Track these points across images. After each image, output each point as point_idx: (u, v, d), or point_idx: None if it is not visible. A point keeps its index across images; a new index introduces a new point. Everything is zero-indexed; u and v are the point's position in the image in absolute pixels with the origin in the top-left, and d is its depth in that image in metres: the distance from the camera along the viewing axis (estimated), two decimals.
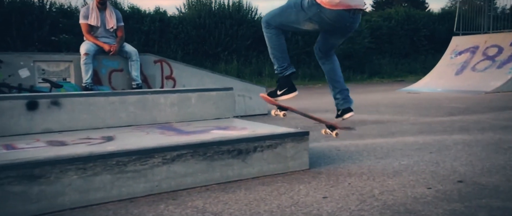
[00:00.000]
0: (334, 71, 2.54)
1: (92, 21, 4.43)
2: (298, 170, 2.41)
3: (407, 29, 17.14)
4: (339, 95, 2.49)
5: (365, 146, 3.06)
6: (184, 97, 3.12)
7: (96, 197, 1.94)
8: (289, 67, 2.38)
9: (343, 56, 15.01)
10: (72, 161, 1.89)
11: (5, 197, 1.74)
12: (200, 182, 2.18)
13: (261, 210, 1.77)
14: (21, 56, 4.06)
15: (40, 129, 2.62)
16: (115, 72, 4.54)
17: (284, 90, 2.36)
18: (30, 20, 10.55)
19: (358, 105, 6.25)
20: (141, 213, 1.80)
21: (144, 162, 2.04)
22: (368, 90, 9.61)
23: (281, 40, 2.35)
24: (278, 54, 2.35)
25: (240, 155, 2.28)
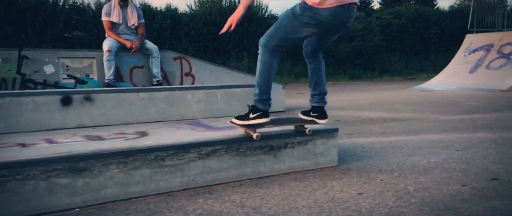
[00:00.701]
0: (320, 73, 2.48)
1: (114, 18, 4.49)
2: (327, 167, 2.44)
3: (417, 27, 16.97)
4: (317, 96, 2.45)
5: (389, 143, 3.08)
6: (210, 94, 3.17)
7: (136, 190, 1.99)
8: (266, 102, 2.27)
9: (354, 53, 14.97)
10: (114, 155, 1.94)
11: (52, 189, 1.81)
12: (233, 177, 2.23)
13: (299, 205, 1.81)
14: (46, 52, 4.15)
15: (74, 124, 2.69)
16: (136, 68, 4.60)
17: (257, 114, 2.25)
18: (44, 17, 10.68)
19: (373, 102, 6.33)
20: (181, 207, 1.85)
21: (180, 157, 2.09)
22: (380, 88, 9.58)
23: (272, 69, 2.28)
24: (262, 83, 2.26)
25: (271, 151, 2.32)
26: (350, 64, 14.68)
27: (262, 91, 2.28)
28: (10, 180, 1.72)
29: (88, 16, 11.74)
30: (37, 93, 2.62)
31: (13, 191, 1.73)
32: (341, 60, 14.63)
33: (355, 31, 15.13)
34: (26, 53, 3.94)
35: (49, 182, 1.80)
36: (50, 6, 11.19)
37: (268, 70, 2.26)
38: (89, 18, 11.72)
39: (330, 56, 14.85)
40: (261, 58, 2.26)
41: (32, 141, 2.21)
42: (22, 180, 1.75)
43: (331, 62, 14.88)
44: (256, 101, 2.28)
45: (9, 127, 2.49)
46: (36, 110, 2.56)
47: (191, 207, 1.85)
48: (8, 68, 3.93)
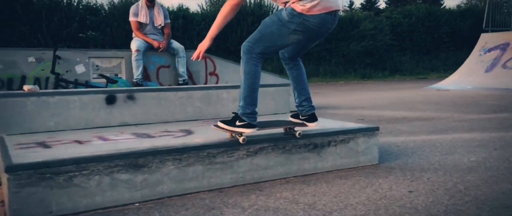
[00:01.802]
0: (302, 78, 2.38)
1: (142, 19, 4.57)
2: (368, 165, 2.48)
3: (428, 26, 16.90)
4: (305, 103, 2.33)
5: (422, 142, 3.11)
6: None
7: (189, 186, 2.05)
8: (252, 117, 2.13)
9: (364, 53, 14.97)
10: (170, 152, 2.00)
11: (115, 184, 1.87)
12: (279, 175, 2.28)
13: (353, 203, 1.85)
14: (77, 52, 4.23)
15: (117, 122, 2.75)
16: (163, 68, 4.67)
17: (243, 123, 2.13)
18: (60, 17, 10.82)
19: (392, 101, 6.35)
20: (236, 203, 1.91)
21: (230, 154, 2.15)
22: (394, 88, 9.58)
23: (257, 79, 2.16)
24: (248, 95, 2.13)
25: (315, 149, 2.37)
26: (360, 63, 14.67)
27: (248, 104, 2.14)
28: (77, 175, 1.79)
29: (101, 16, 11.88)
30: (84, 93, 2.69)
31: (80, 186, 1.80)
32: (352, 60, 14.63)
33: (365, 30, 15.13)
34: (58, 53, 4.03)
35: (112, 177, 1.87)
36: (65, 6, 11.34)
37: (253, 81, 2.14)
38: (102, 18, 11.86)
39: (340, 55, 14.87)
40: (245, 68, 2.13)
41: (85, 138, 2.28)
42: (88, 175, 1.81)
43: (342, 62, 14.89)
44: (241, 114, 2.14)
45: (58, 125, 2.56)
46: (83, 108, 2.63)
47: (246, 203, 1.90)
48: (42, 68, 4.02)
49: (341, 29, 14.89)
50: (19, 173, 1.68)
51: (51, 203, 1.75)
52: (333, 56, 14.34)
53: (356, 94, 7.87)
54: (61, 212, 1.77)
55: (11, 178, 1.67)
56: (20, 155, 1.85)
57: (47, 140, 2.22)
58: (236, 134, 2.17)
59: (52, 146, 2.08)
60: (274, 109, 3.31)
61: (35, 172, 1.71)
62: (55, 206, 1.75)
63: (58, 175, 1.75)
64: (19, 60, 3.90)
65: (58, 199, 1.76)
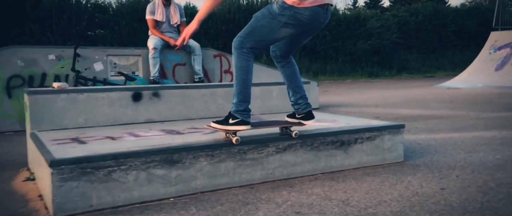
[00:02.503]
0: (295, 76, 2.33)
1: (158, 17, 4.60)
2: (394, 162, 2.50)
3: (434, 24, 16.85)
4: (301, 101, 2.28)
5: (444, 140, 3.13)
6: (266, 90, 3.25)
7: (221, 182, 2.09)
8: (246, 114, 2.10)
9: (371, 51, 14.94)
10: (203, 148, 2.04)
11: (151, 179, 1.91)
12: (307, 171, 2.31)
13: (386, 199, 1.88)
14: (96, 50, 4.27)
15: (143, 119, 2.79)
16: (179, 66, 4.71)
17: (237, 120, 2.09)
18: (69, 15, 10.88)
19: (404, 100, 6.36)
20: (269, 198, 1.94)
21: (260, 151, 2.18)
22: (402, 86, 9.58)
23: (249, 75, 2.11)
24: (241, 92, 2.10)
25: (342, 146, 2.39)
26: (367, 62, 14.65)
27: (241, 101, 2.11)
28: (116, 170, 1.83)
29: (109, 14, 11.94)
30: (111, 90, 2.73)
31: (118, 180, 1.84)
32: (358, 58, 14.62)
33: (372, 29, 15.10)
34: (78, 51, 4.07)
35: (148, 173, 1.90)
36: (74, 4, 11.41)
37: (245, 76, 2.10)
38: (110, 16, 11.92)
39: (347, 54, 14.86)
40: (237, 63, 2.09)
41: (116, 134, 2.32)
42: (126, 170, 1.85)
43: (348, 60, 14.88)
44: (234, 112, 2.11)
45: (87, 121, 2.60)
46: (111, 105, 2.67)
47: (279, 199, 1.93)
48: (61, 66, 4.07)
49: (348, 27, 14.89)
50: (62, 167, 1.72)
51: (92, 197, 1.79)
52: (340, 55, 14.33)
53: (366, 93, 7.88)
54: (101, 206, 1.81)
55: (54, 172, 1.71)
56: (59, 150, 1.89)
57: (80, 136, 2.27)
58: (230, 133, 2.10)
59: (87, 141, 2.12)
60: None
61: (77, 166, 1.75)
62: (95, 200, 1.79)
63: (98, 169, 1.79)
64: (40, 58, 3.95)
65: (98, 193, 1.80)
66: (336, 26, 14.49)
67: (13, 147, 3.17)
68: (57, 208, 1.72)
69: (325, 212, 1.74)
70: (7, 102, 3.79)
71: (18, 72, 3.84)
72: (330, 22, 15.00)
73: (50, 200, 1.73)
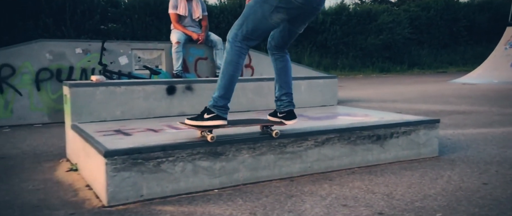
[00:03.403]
0: (287, 72, 2.27)
1: (181, 11, 4.62)
2: (429, 157, 2.52)
3: (446, 19, 16.65)
4: (285, 97, 2.22)
5: (473, 136, 3.13)
6: (295, 85, 3.23)
7: (262, 174, 2.12)
8: (223, 110, 2.03)
9: (382, 47, 14.84)
10: (245, 141, 2.07)
11: (196, 170, 1.95)
12: (344, 165, 2.33)
13: (430, 193, 1.89)
14: (121, 44, 4.31)
15: (176, 112, 2.83)
16: (201, 60, 4.74)
17: (212, 115, 2.00)
18: (82, 9, 10.94)
19: (421, 95, 6.34)
20: (312, 191, 1.97)
21: (299, 144, 2.21)
22: (416, 81, 9.52)
23: (237, 71, 2.04)
24: (224, 86, 2.04)
25: (378, 140, 2.41)
26: (378, 57, 14.56)
27: (221, 96, 2.04)
28: (164, 161, 1.87)
29: (121, 8, 11.98)
30: (147, 83, 2.76)
31: (166, 171, 1.88)
32: (369, 53, 14.53)
33: (383, 23, 14.98)
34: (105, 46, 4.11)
35: (194, 164, 1.94)
36: None
37: (233, 72, 2.03)
38: (123, 11, 11.97)
39: (358, 49, 14.77)
40: (227, 57, 2.03)
41: (156, 127, 2.36)
42: (173, 162, 1.89)
43: (359, 55, 14.80)
44: (211, 106, 2.02)
45: (124, 114, 2.64)
46: (146, 98, 2.71)
47: (322, 191, 1.96)
48: (88, 59, 4.11)
49: (359, 22, 14.77)
50: (115, 158, 1.76)
51: (142, 187, 1.83)
52: (350, 50, 14.25)
53: (381, 88, 7.85)
54: (150, 196, 1.85)
55: (108, 162, 1.75)
56: (109, 142, 1.93)
57: (122, 128, 2.31)
58: (205, 131, 2.01)
59: (131, 133, 2.16)
60: (322, 101, 3.36)
61: (129, 157, 1.79)
62: (145, 190, 1.84)
63: (148, 160, 1.83)
64: (67, 51, 4.00)
65: (148, 183, 1.84)
66: (347, 21, 14.40)
67: (46, 138, 3.23)
68: (111, 197, 1.77)
69: (371, 205, 1.76)
70: (36, 95, 3.86)
71: (47, 65, 3.89)
72: (341, 17, 14.91)
73: (103, 189, 1.78)
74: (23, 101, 3.80)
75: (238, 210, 1.73)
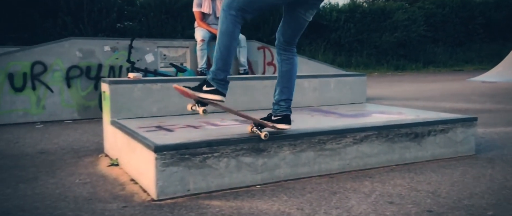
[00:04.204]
0: (290, 76, 2.14)
1: (205, 9, 4.65)
2: (466, 155, 2.50)
3: (461, 17, 16.37)
4: (283, 103, 2.09)
5: (506, 134, 3.09)
6: (324, 82, 3.27)
7: (302, 171, 2.14)
8: (223, 84, 1.95)
9: (397, 45, 14.68)
10: (286, 138, 2.09)
11: (239, 166, 1.97)
12: (382, 163, 2.33)
13: (476, 191, 1.88)
14: (147, 42, 4.37)
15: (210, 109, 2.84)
16: None
17: (211, 88, 1.94)
18: (99, 7, 11.09)
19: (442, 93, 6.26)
20: (354, 188, 1.97)
21: (338, 141, 2.21)
22: (433, 80, 9.40)
23: (233, 41, 1.93)
24: (221, 58, 1.94)
25: (416, 138, 2.40)
26: (393, 55, 14.41)
27: (219, 69, 1.93)
28: (210, 157, 1.90)
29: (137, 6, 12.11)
30: (182, 80, 2.80)
31: (212, 167, 1.91)
32: (384, 51, 14.38)
33: (398, 21, 14.81)
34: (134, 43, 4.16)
35: (237, 160, 1.97)
36: None
37: (229, 42, 1.91)
38: (139, 9, 12.10)
39: (372, 47, 14.64)
40: (222, 27, 1.92)
41: (195, 123, 2.39)
42: (218, 157, 1.92)
43: (373, 53, 14.67)
44: (210, 79, 1.95)
45: (160, 111, 2.69)
46: (181, 95, 2.74)
47: (364, 189, 1.96)
48: (116, 57, 4.18)
49: (373, 20, 14.63)
50: (164, 153, 1.80)
51: (189, 182, 1.86)
52: (364, 48, 14.14)
53: (398, 86, 7.77)
54: (197, 190, 1.88)
55: (158, 157, 1.79)
56: (156, 137, 1.96)
57: (162, 124, 2.35)
58: (198, 104, 1.94)
59: (173, 129, 2.20)
60: (351, 99, 3.35)
61: (177, 152, 1.82)
62: (192, 185, 1.87)
63: (195, 156, 1.87)
64: (96, 49, 4.07)
65: (194, 178, 1.87)
66: (361, 19, 14.28)
67: (79, 134, 3.31)
68: (160, 191, 1.81)
69: (418, 203, 1.76)
70: (66, 92, 3.94)
71: (76, 63, 3.97)
72: (355, 15, 14.80)
73: (152, 183, 1.82)
74: (54, 98, 3.89)
75: (285, 206, 1.75)
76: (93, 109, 4.03)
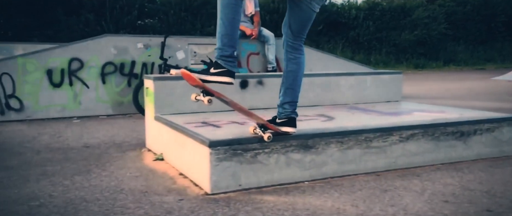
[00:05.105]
0: (296, 77, 2.02)
1: None
2: None
3: (483, 15, 15.97)
4: (288, 106, 1.98)
5: None
6: (360, 80, 3.26)
7: (348, 168, 2.14)
8: (230, 61, 1.79)
9: (417, 42, 14.43)
10: (334, 135, 2.09)
11: (289, 162, 1.99)
12: (427, 162, 2.30)
13: None
14: (179, 39, 4.42)
15: (248, 105, 2.87)
16: (253, 55, 4.79)
17: (221, 70, 1.77)
18: (121, 5, 11.26)
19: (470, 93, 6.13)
20: (404, 186, 1.96)
21: (385, 139, 2.20)
22: (457, 78, 9.20)
23: (236, 14, 1.76)
24: (225, 33, 1.76)
25: (462, 137, 2.37)
26: (413, 53, 14.18)
27: (225, 45, 1.77)
28: (260, 153, 1.92)
29: (158, 4, 12.25)
30: None
31: (262, 162, 1.93)
32: (403, 49, 14.17)
33: (418, 19, 14.54)
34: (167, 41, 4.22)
35: (287, 156, 1.98)
36: None
37: (233, 15, 1.74)
38: (159, 6, 12.24)
39: (391, 45, 14.43)
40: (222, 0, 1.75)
41: (238, 120, 2.41)
42: (269, 153, 1.94)
43: (393, 51, 14.46)
44: (218, 57, 1.79)
45: (200, 107, 2.70)
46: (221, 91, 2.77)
47: (415, 187, 1.95)
48: (148, 54, 4.25)
49: (392, 17, 14.41)
50: (218, 148, 1.83)
51: (241, 177, 1.89)
52: (383, 46, 13.95)
53: (422, 84, 7.64)
54: (248, 185, 1.91)
55: (212, 152, 1.82)
56: (207, 133, 2.00)
57: (207, 120, 2.38)
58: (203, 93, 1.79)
59: (220, 125, 2.23)
60: (387, 97, 3.32)
61: (230, 148, 1.85)
62: (243, 180, 1.90)
63: (247, 151, 1.89)
64: (130, 46, 4.15)
65: (246, 174, 1.90)
66: (381, 16, 14.09)
67: (117, 129, 3.38)
68: (214, 185, 1.84)
69: (475, 202, 1.74)
70: (101, 88, 4.03)
71: (111, 59, 4.06)
72: (374, 13, 14.60)
73: (206, 178, 1.85)
74: (90, 93, 3.99)
75: (338, 202, 1.75)
76: (126, 104, 4.11)
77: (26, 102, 3.74)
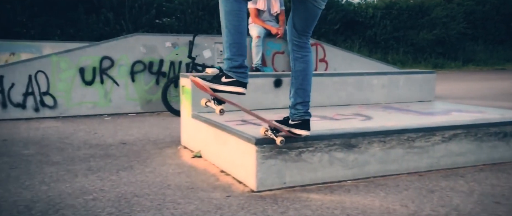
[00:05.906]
0: (306, 76, 1.91)
1: (260, 6, 4.68)
2: None
3: (503, 14, 15.59)
4: (300, 107, 1.87)
5: None
6: (393, 79, 3.22)
7: (391, 168, 2.12)
8: (241, 72, 1.70)
9: (435, 42, 14.18)
10: (376, 134, 2.07)
11: (332, 161, 1.99)
12: (470, 162, 2.27)
13: None
14: (205, 38, 4.46)
15: (281, 104, 2.88)
16: (278, 54, 4.79)
17: (231, 80, 1.70)
18: (140, 4, 11.41)
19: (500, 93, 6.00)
20: (450, 187, 1.93)
21: (427, 139, 2.18)
22: (480, 78, 9.00)
23: (242, 20, 1.67)
24: (233, 42, 1.68)
25: (505, 137, 2.32)
26: (431, 53, 13.94)
27: (234, 54, 1.69)
28: (305, 151, 1.92)
29: (175, 3, 12.36)
30: (256, 76, 2.85)
31: (306, 161, 1.93)
32: (421, 49, 13.94)
33: (436, 18, 14.29)
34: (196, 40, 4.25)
35: (330, 155, 1.98)
36: None
37: (238, 23, 1.66)
38: (177, 5, 12.35)
39: (409, 44, 14.22)
40: (225, 7, 1.66)
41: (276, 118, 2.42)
42: (312, 152, 1.94)
43: (410, 51, 14.25)
44: (227, 69, 1.71)
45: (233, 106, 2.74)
46: (256, 90, 2.79)
47: (462, 188, 1.92)
48: (176, 53, 4.30)
49: (410, 17, 14.20)
50: (264, 146, 1.84)
51: (285, 175, 1.90)
52: (401, 45, 13.76)
53: (447, 84, 7.50)
54: (292, 183, 1.91)
55: (259, 150, 1.83)
56: (250, 131, 2.01)
57: (246, 118, 2.40)
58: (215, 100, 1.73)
59: (260, 124, 2.24)
60: (419, 96, 3.28)
61: (275, 146, 1.86)
62: (288, 178, 1.90)
63: (291, 149, 1.90)
64: (158, 45, 4.20)
65: (290, 172, 1.90)
66: (398, 16, 13.90)
67: (148, 127, 3.43)
68: (260, 183, 1.85)
69: None
70: (131, 86, 4.10)
71: (140, 58, 4.12)
72: (391, 12, 14.41)
73: (252, 175, 1.86)
74: (120, 91, 4.06)
75: (387, 202, 1.74)
76: (155, 102, 4.17)
77: (59, 100, 3.83)
